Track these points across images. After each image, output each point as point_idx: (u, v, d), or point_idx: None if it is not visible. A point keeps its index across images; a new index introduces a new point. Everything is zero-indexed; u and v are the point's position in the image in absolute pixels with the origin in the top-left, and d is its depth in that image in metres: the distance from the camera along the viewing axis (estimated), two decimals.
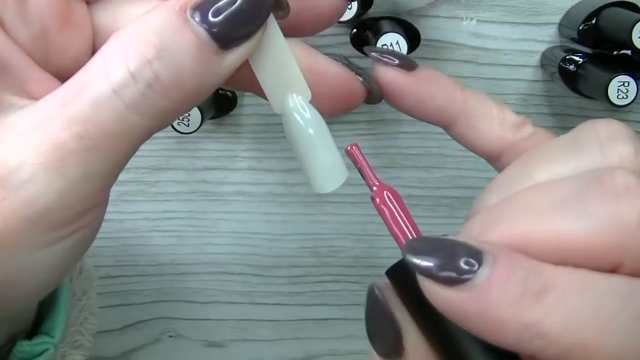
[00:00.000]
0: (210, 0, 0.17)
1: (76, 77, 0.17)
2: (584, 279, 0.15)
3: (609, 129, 0.18)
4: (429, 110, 0.21)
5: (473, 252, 0.16)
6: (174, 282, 0.44)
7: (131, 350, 0.45)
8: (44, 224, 0.17)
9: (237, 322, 0.45)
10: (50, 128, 0.16)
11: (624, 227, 0.15)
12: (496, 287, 0.15)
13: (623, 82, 0.31)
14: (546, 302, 0.15)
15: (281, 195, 0.41)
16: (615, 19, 0.33)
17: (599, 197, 0.16)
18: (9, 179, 0.16)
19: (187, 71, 0.17)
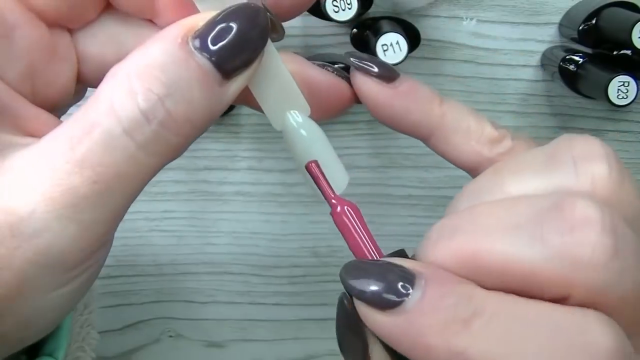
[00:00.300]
0: (210, 30, 0.17)
1: (81, 116, 0.16)
2: (512, 306, 0.15)
3: (585, 147, 0.17)
4: (405, 124, 0.21)
5: (406, 275, 0.16)
6: (174, 282, 0.44)
7: (131, 350, 0.45)
8: (56, 269, 0.17)
9: (237, 322, 0.45)
10: (60, 173, 0.16)
11: (574, 261, 0.15)
12: (425, 313, 0.15)
13: (623, 82, 0.31)
14: (473, 329, 0.15)
15: (281, 195, 0.41)
16: (615, 19, 0.33)
17: (554, 226, 0.15)
18: (21, 227, 0.16)
19: (197, 105, 0.17)
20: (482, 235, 0.16)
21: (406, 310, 0.15)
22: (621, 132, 0.39)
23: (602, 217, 0.15)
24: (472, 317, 0.15)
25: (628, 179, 0.17)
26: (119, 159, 0.16)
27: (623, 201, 0.16)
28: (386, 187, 0.41)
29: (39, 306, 0.17)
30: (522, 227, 0.16)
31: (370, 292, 0.16)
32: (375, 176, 0.40)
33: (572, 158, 0.17)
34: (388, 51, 0.30)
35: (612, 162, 0.17)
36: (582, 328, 0.15)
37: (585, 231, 0.15)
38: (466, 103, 0.39)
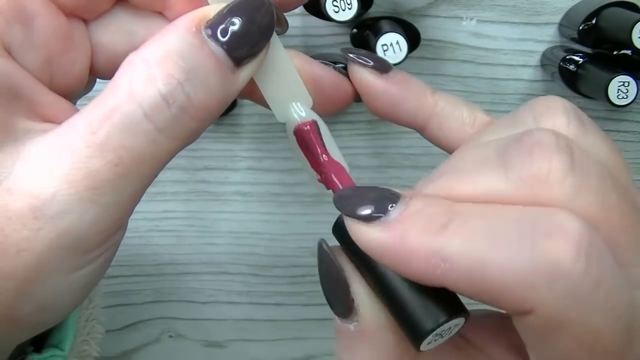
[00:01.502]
0: (221, 20, 0.18)
1: (101, 101, 0.17)
2: (485, 209, 0.16)
3: (545, 104, 0.19)
4: (401, 112, 0.22)
5: (392, 195, 0.17)
6: (174, 282, 0.44)
7: (131, 350, 0.45)
8: (76, 251, 0.17)
9: (237, 322, 0.45)
10: (80, 156, 0.16)
11: (535, 180, 0.16)
12: (406, 220, 0.16)
13: (623, 82, 0.31)
14: (450, 230, 0.16)
15: (281, 195, 0.41)
16: (615, 19, 0.33)
17: (516, 152, 0.16)
18: (43, 210, 0.16)
19: (213, 90, 0.18)
20: (455, 173, 0.17)
21: (389, 220, 0.16)
22: (621, 132, 0.40)
23: (557, 139, 0.16)
24: (449, 221, 0.16)
25: (593, 131, 0.18)
26: (140, 142, 0.17)
27: (585, 145, 0.17)
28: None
29: (57, 289, 0.17)
30: (489, 160, 0.17)
31: (361, 209, 0.17)
32: (375, 176, 0.40)
33: (532, 115, 0.18)
34: (388, 51, 0.30)
35: (572, 114, 0.18)
36: (547, 215, 0.15)
37: (540, 151, 0.16)
38: None
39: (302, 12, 0.35)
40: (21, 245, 0.16)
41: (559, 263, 0.15)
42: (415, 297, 0.17)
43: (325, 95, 0.22)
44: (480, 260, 0.15)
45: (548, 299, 0.15)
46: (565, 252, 0.15)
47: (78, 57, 0.20)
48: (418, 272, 0.16)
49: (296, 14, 0.36)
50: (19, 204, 0.16)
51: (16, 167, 0.16)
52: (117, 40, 0.20)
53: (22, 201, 0.16)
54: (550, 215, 0.15)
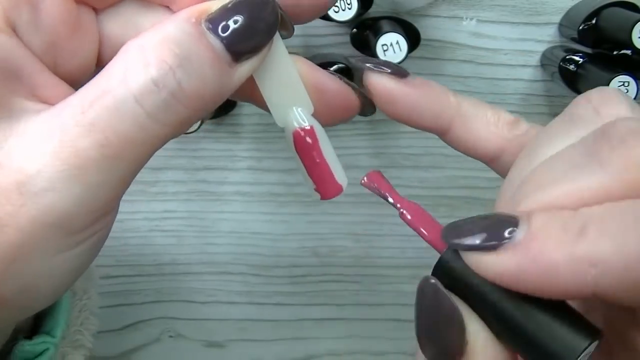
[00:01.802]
0: (222, 15, 0.18)
1: (94, 83, 0.17)
2: (616, 206, 0.15)
3: (601, 96, 0.18)
4: (423, 115, 0.22)
5: (508, 218, 0.16)
6: (174, 282, 0.44)
7: (131, 350, 0.45)
8: (61, 230, 0.17)
9: (237, 322, 0.45)
10: (69, 135, 0.16)
11: (636, 166, 0.15)
12: (539, 235, 0.15)
13: (623, 82, 0.31)
14: (590, 234, 0.15)
15: (281, 195, 0.41)
16: (615, 19, 0.33)
17: (607, 147, 0.16)
18: (27, 185, 0.16)
19: (208, 81, 0.18)
20: (548, 187, 0.16)
21: (519, 242, 0.15)
22: None
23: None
24: (584, 226, 0.15)
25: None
26: (128, 125, 0.17)
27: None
28: None
29: (42, 269, 0.17)
30: (579, 164, 0.16)
31: (481, 240, 0.16)
32: None
33: (591, 108, 0.18)
34: (388, 51, 0.30)
35: (629, 102, 0.17)
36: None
37: (636, 139, 0.15)
38: None
39: None
40: (4, 221, 0.16)
41: None
42: (548, 327, 0.16)
43: (328, 104, 0.21)
44: (636, 257, 0.14)
45: None
46: None
47: (84, 44, 0.20)
48: (564, 287, 0.15)
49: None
50: (7, 179, 0.16)
51: (8, 143, 0.16)
52: (125, 32, 0.20)
53: (9, 176, 0.16)
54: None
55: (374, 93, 0.22)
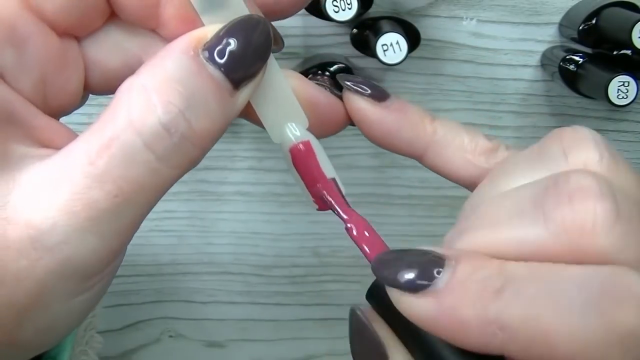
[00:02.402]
0: (218, 42, 0.17)
1: (98, 129, 0.17)
2: (541, 271, 0.15)
3: (573, 136, 0.18)
4: (398, 141, 0.22)
5: (436, 258, 0.16)
6: (174, 282, 0.44)
7: (131, 350, 0.45)
8: (77, 278, 0.17)
9: (237, 322, 0.45)
10: (79, 186, 0.16)
11: (579, 230, 0.15)
12: (456, 289, 0.15)
13: (623, 82, 0.31)
14: (505, 296, 0.15)
15: (281, 195, 0.41)
16: (615, 19, 0.33)
17: (553, 201, 0.16)
18: (42, 240, 0.16)
19: (214, 115, 0.17)
20: (490, 226, 0.17)
21: (438, 290, 0.16)
22: (621, 132, 0.40)
23: (598, 184, 0.15)
24: (503, 286, 0.15)
25: (622, 164, 0.17)
26: (140, 172, 0.16)
27: (620, 183, 0.16)
28: (386, 187, 0.41)
29: (58, 313, 0.17)
30: (524, 210, 0.16)
31: (404, 278, 0.16)
32: (375, 176, 0.40)
33: (562, 149, 0.17)
34: (388, 51, 0.30)
35: (603, 148, 0.17)
36: (609, 277, 0.15)
37: (583, 199, 0.15)
38: (466, 103, 0.39)
39: (302, 12, 0.35)
40: (20, 275, 0.16)
41: (631, 329, 0.14)
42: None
43: (320, 117, 0.21)
44: (543, 329, 0.14)
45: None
46: (637, 317, 0.14)
47: (72, 76, 0.19)
48: (474, 343, 0.15)
49: (296, 14, 0.36)
50: (17, 233, 0.16)
51: (13, 195, 0.16)
52: (111, 57, 0.20)
53: (20, 231, 0.16)
54: (612, 277, 0.15)
55: (351, 114, 0.22)
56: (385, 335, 0.18)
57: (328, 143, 0.40)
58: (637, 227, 0.15)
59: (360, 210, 0.22)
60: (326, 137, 0.22)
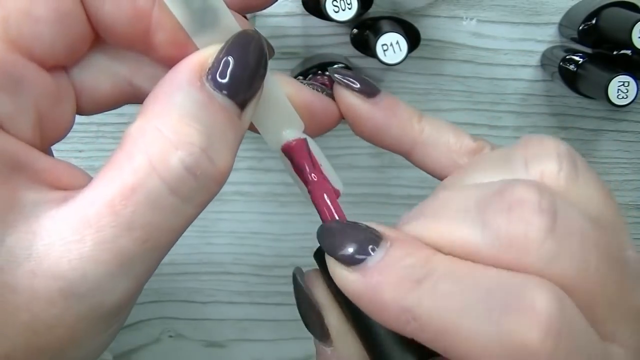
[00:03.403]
0: (219, 66, 0.17)
1: (116, 175, 0.16)
2: (462, 270, 0.16)
3: (538, 146, 0.18)
4: (385, 138, 0.22)
5: (374, 236, 0.17)
6: (174, 282, 0.44)
7: (131, 350, 0.45)
8: (109, 317, 0.17)
9: (237, 322, 0.45)
10: (106, 235, 0.16)
11: (511, 240, 0.16)
12: (383, 270, 0.16)
13: (623, 82, 0.31)
14: (422, 289, 0.16)
15: (281, 195, 0.41)
16: (615, 19, 0.33)
17: (495, 208, 0.16)
18: (71, 290, 0.16)
19: (232, 146, 0.17)
20: (436, 218, 0.17)
21: (367, 268, 0.17)
22: (621, 132, 0.40)
23: (539, 198, 0.16)
24: (423, 278, 0.16)
25: (586, 176, 0.17)
26: (166, 216, 0.16)
27: (578, 196, 0.17)
28: (386, 187, 0.41)
29: (89, 349, 0.17)
30: (469, 210, 0.17)
31: (340, 249, 0.17)
32: (375, 176, 0.40)
33: (524, 157, 0.18)
34: (388, 51, 0.30)
35: (564, 159, 0.17)
36: (519, 288, 0.15)
37: (520, 211, 0.16)
38: (466, 103, 0.39)
39: (302, 12, 0.35)
40: (52, 323, 0.16)
41: (526, 343, 0.14)
42: (388, 338, 0.18)
43: (315, 119, 0.21)
44: (448, 327, 0.15)
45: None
46: (532, 332, 0.14)
47: (65, 107, 0.19)
48: (391, 325, 0.16)
49: (296, 14, 0.36)
50: (45, 285, 0.15)
51: (35, 247, 0.16)
52: (99, 81, 0.20)
53: (48, 283, 0.15)
54: (522, 288, 0.15)
55: (341, 109, 0.22)
56: (322, 297, 0.19)
57: (327, 143, 0.41)
58: (576, 243, 0.16)
59: (360, 210, 0.22)
60: (320, 135, 0.22)
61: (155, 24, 0.18)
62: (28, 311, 0.15)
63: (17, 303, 0.15)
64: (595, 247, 0.16)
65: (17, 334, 0.15)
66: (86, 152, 0.39)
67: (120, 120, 0.38)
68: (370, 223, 0.18)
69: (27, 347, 0.16)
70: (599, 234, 0.16)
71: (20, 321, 0.15)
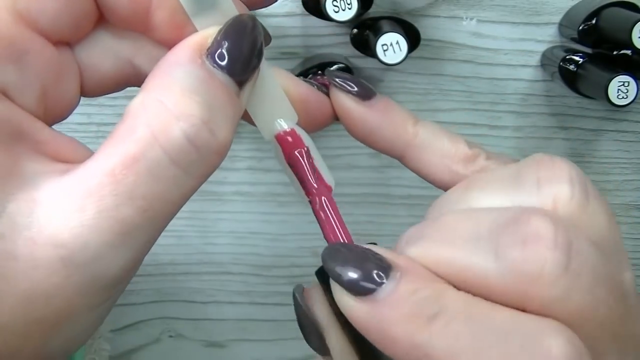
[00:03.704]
0: (218, 45, 0.18)
1: (117, 146, 0.16)
2: (475, 309, 0.16)
3: (551, 168, 0.18)
4: (378, 140, 0.22)
5: (384, 265, 0.17)
6: (174, 282, 0.44)
7: (131, 350, 0.45)
8: (105, 290, 0.17)
9: (237, 322, 0.45)
10: (106, 204, 0.16)
11: (525, 275, 0.15)
12: (394, 305, 0.16)
13: (623, 82, 0.31)
14: (435, 326, 0.15)
15: (281, 195, 0.41)
16: (615, 19, 0.33)
17: (509, 239, 0.16)
18: (72, 258, 0.16)
19: (232, 120, 0.18)
20: (445, 243, 0.17)
21: (377, 300, 0.16)
22: (621, 132, 0.40)
23: (555, 233, 0.16)
24: (436, 315, 0.15)
25: (595, 202, 0.17)
26: (167, 186, 0.17)
27: (587, 223, 0.17)
28: (386, 187, 0.41)
29: (84, 324, 0.17)
30: (481, 238, 0.16)
31: (348, 278, 0.17)
32: (375, 176, 0.40)
33: (536, 179, 0.17)
34: (388, 51, 0.30)
35: (576, 185, 0.17)
36: (535, 334, 0.15)
37: (536, 246, 0.15)
38: (466, 103, 0.39)
39: (302, 12, 0.35)
40: (50, 292, 0.16)
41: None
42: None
43: (309, 113, 0.22)
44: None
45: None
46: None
47: (70, 83, 0.19)
48: (398, 358, 0.16)
49: (296, 14, 0.36)
50: (46, 253, 0.16)
51: (36, 215, 0.16)
52: (102, 60, 0.20)
53: (49, 251, 0.16)
54: (537, 332, 0.15)
55: (336, 110, 0.22)
56: (323, 317, 0.19)
57: (328, 143, 0.41)
58: (588, 279, 0.16)
59: (360, 210, 0.22)
60: (314, 132, 0.22)
61: (155, 5, 0.19)
62: (27, 279, 0.15)
63: (16, 271, 0.15)
64: (604, 281, 0.16)
65: (15, 304, 0.15)
66: None
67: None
68: (378, 249, 0.17)
69: (24, 318, 0.16)
70: (606, 265, 0.16)
71: (20, 289, 0.15)
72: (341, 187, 0.43)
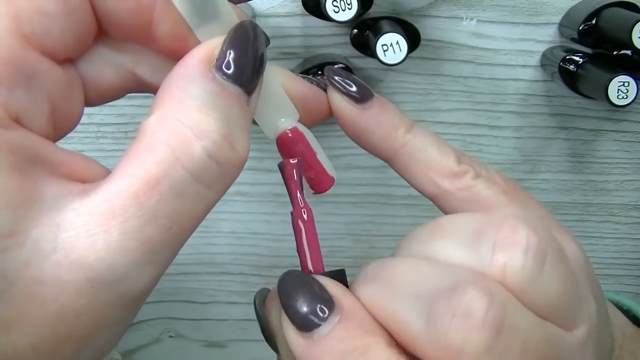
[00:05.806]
0: (224, 56, 0.18)
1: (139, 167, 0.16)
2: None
3: (509, 234, 0.17)
4: (368, 144, 0.23)
5: (329, 305, 0.18)
6: (174, 282, 0.44)
7: (131, 350, 0.45)
8: (133, 304, 0.17)
9: (237, 322, 0.45)
10: (131, 226, 0.16)
11: (448, 347, 0.16)
12: (324, 348, 0.17)
13: (623, 82, 0.31)
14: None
15: (281, 195, 0.41)
16: (615, 19, 0.33)
17: (442, 308, 0.16)
18: (99, 279, 0.16)
19: (247, 131, 0.18)
20: (390, 293, 0.18)
21: (313, 338, 0.17)
22: (621, 132, 0.40)
23: (485, 312, 0.16)
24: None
25: (551, 269, 0.17)
26: (191, 203, 0.17)
27: (536, 293, 0.17)
28: (386, 187, 0.41)
29: (112, 335, 0.18)
30: (420, 297, 0.17)
31: (294, 311, 0.18)
32: (375, 176, 0.40)
33: (493, 243, 0.17)
34: (388, 51, 0.30)
35: (530, 254, 0.17)
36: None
37: (463, 322, 0.16)
38: (466, 103, 0.39)
39: (302, 12, 0.35)
40: (79, 311, 0.16)
41: None
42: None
43: (308, 109, 0.22)
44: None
45: None
46: None
47: (76, 100, 0.19)
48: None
49: (296, 14, 0.36)
50: (72, 276, 0.16)
51: (60, 240, 0.16)
52: (104, 72, 0.20)
53: (75, 274, 0.16)
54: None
55: (331, 107, 0.22)
56: (275, 323, 0.20)
57: (328, 143, 0.41)
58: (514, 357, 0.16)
59: (361, 210, 0.22)
60: (314, 126, 0.23)
61: (157, 17, 0.19)
62: (56, 301, 0.16)
63: (44, 295, 0.16)
64: (541, 355, 0.16)
65: (45, 325, 0.16)
66: (86, 152, 0.39)
67: (120, 121, 0.38)
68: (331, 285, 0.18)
69: (54, 336, 0.16)
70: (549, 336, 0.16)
71: (48, 312, 0.16)
72: (341, 187, 0.43)
